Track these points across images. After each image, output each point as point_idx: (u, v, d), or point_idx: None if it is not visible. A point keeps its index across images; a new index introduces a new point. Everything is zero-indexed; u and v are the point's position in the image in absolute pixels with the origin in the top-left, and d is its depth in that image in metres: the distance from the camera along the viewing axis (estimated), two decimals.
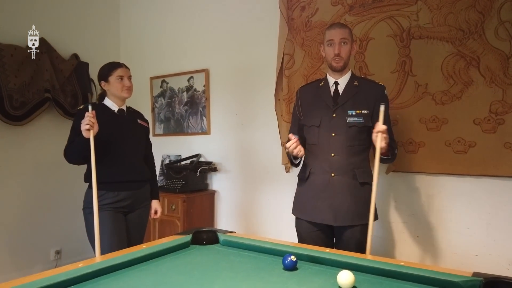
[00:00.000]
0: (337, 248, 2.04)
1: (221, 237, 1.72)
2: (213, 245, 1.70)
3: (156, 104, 3.83)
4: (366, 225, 1.97)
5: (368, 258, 1.46)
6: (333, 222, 1.94)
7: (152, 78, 3.83)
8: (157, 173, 3.65)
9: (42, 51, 3.25)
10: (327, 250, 1.52)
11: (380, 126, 1.75)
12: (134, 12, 3.98)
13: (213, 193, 3.40)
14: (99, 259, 1.48)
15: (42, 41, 3.26)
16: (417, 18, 2.41)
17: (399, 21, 2.47)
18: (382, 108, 1.76)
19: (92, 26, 3.80)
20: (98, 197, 2.04)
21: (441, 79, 2.33)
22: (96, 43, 3.82)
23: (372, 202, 1.79)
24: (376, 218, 2.01)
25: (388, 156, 1.93)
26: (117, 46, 4.08)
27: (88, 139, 1.88)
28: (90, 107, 1.92)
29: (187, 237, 1.69)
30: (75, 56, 3.55)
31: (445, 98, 2.32)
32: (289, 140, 1.88)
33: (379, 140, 1.74)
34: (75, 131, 1.98)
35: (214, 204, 3.40)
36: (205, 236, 1.75)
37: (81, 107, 2.09)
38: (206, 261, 1.50)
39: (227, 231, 1.80)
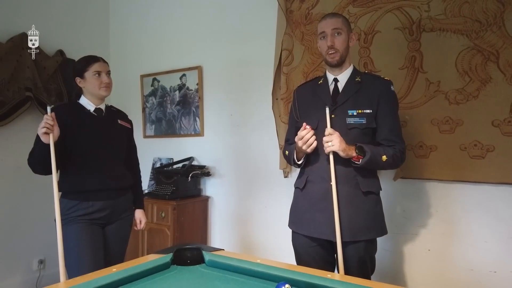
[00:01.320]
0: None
1: (207, 256, 1.50)
2: (197, 265, 1.48)
3: (147, 103, 3.61)
4: (371, 241, 1.76)
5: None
6: (333, 237, 1.70)
7: (142, 76, 3.61)
8: (148, 177, 3.48)
9: (23, 47, 3.04)
10: (329, 275, 1.29)
11: (326, 131, 1.66)
12: (124, 6, 3.76)
13: (206, 199, 3.17)
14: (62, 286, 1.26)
15: (23, 36, 3.05)
16: (428, 9, 2.18)
17: (408, 12, 2.24)
18: (327, 110, 1.68)
19: (79, 20, 3.58)
20: (70, 207, 1.84)
21: (456, 76, 2.10)
22: (84, 38, 3.60)
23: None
24: (385, 232, 1.80)
25: (358, 162, 1.68)
26: (106, 42, 3.86)
27: (48, 145, 1.66)
28: (49, 109, 1.71)
29: (167, 257, 1.47)
30: (60, 53, 3.33)
31: (460, 97, 2.09)
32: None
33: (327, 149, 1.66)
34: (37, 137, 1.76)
35: (208, 211, 3.17)
36: (189, 254, 1.53)
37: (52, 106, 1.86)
38: (187, 287, 1.28)
39: (214, 248, 1.58)
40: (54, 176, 1.67)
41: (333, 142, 1.63)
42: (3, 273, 3.00)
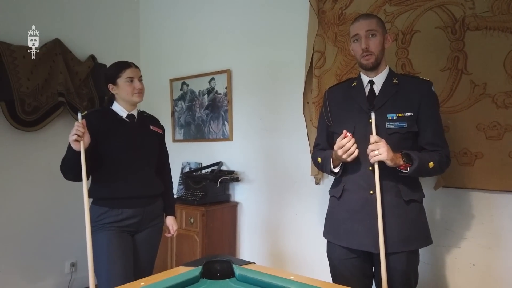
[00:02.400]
0: (376, 279, 1.71)
1: (237, 270, 1.43)
2: (227, 279, 1.42)
3: (176, 108, 3.59)
4: (414, 252, 1.65)
5: None
6: (374, 248, 1.60)
7: (172, 80, 3.59)
8: (177, 181, 3.46)
9: (56, 53, 3.09)
10: None
11: (371, 138, 1.54)
12: (154, 11, 3.77)
13: (235, 205, 3.11)
14: None
15: (56, 42, 3.11)
16: (473, 6, 2.03)
17: (450, 9, 2.09)
18: (372, 115, 1.57)
19: (110, 26, 3.62)
20: (100, 214, 1.82)
21: (504, 77, 1.94)
22: (115, 44, 3.64)
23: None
24: (430, 241, 1.68)
25: (406, 170, 1.57)
26: (137, 47, 3.89)
27: (79, 152, 1.64)
28: (80, 116, 1.68)
29: (197, 270, 1.41)
30: (92, 58, 3.37)
31: (509, 101, 1.93)
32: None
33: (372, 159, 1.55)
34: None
35: (236, 217, 3.11)
36: (219, 267, 1.47)
37: (84, 113, 1.85)
38: None
39: (244, 261, 1.51)
40: (85, 183, 1.65)
41: (380, 150, 1.52)
42: (36, 275, 3.06)
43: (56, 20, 3.17)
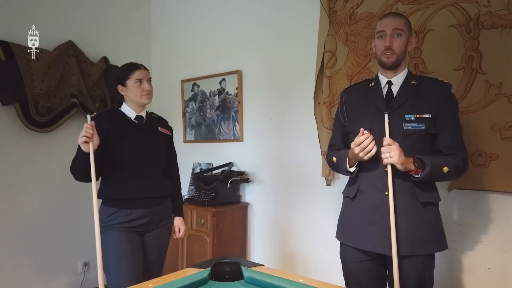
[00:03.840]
0: (391, 282, 1.67)
1: (246, 272, 1.42)
2: (235, 282, 1.41)
3: (187, 108, 3.60)
4: (429, 256, 1.62)
5: None
6: (388, 251, 1.57)
7: (183, 81, 3.61)
8: (188, 182, 3.47)
9: (69, 55, 3.13)
10: None
11: (384, 140, 1.53)
12: (165, 13, 3.79)
13: (245, 205, 3.10)
14: None
15: (70, 44, 3.14)
16: (487, 4, 1.99)
17: (464, 8, 2.05)
18: (385, 117, 1.54)
19: (122, 28, 3.65)
20: (110, 215, 1.83)
21: None
22: (127, 45, 3.67)
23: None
24: (445, 246, 1.64)
25: (418, 175, 1.54)
26: (148, 48, 3.91)
27: (88, 153, 1.65)
28: (89, 117, 1.70)
29: (205, 271, 1.41)
30: (104, 59, 3.41)
31: None
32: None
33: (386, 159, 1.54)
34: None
35: (247, 218, 3.10)
36: (228, 268, 1.46)
37: (93, 115, 1.87)
38: None
39: (254, 263, 1.50)
40: (94, 184, 1.66)
41: (392, 153, 1.50)
42: (49, 273, 3.10)
43: (69, 22, 3.20)
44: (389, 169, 1.54)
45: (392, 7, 2.29)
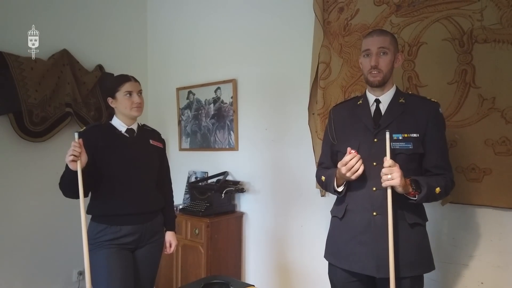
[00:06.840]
0: None
1: None
2: None
3: (182, 116, 3.59)
4: (418, 278, 1.60)
5: None
6: (376, 272, 1.56)
7: (178, 89, 3.60)
8: (183, 191, 3.47)
9: (64, 63, 3.12)
10: None
11: (385, 162, 1.48)
12: (161, 21, 3.79)
13: (240, 215, 3.09)
14: None
15: (64, 52, 3.13)
16: (481, 18, 1.98)
17: (458, 21, 2.04)
18: (387, 135, 1.49)
19: (118, 36, 3.63)
20: (99, 231, 1.82)
21: None
22: (122, 53, 3.66)
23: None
24: (432, 267, 1.63)
25: (415, 197, 1.53)
26: (144, 56, 3.90)
27: (76, 172, 1.63)
28: (76, 135, 1.68)
29: None
30: (100, 68, 3.39)
31: None
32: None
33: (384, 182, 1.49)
34: None
35: (242, 228, 3.09)
36: None
37: (81, 130, 1.85)
38: None
39: (244, 284, 1.49)
40: (82, 202, 1.65)
41: (394, 175, 1.46)
42: (44, 283, 3.08)
43: (63, 31, 3.19)
44: (389, 192, 1.51)
45: (386, 19, 2.28)
